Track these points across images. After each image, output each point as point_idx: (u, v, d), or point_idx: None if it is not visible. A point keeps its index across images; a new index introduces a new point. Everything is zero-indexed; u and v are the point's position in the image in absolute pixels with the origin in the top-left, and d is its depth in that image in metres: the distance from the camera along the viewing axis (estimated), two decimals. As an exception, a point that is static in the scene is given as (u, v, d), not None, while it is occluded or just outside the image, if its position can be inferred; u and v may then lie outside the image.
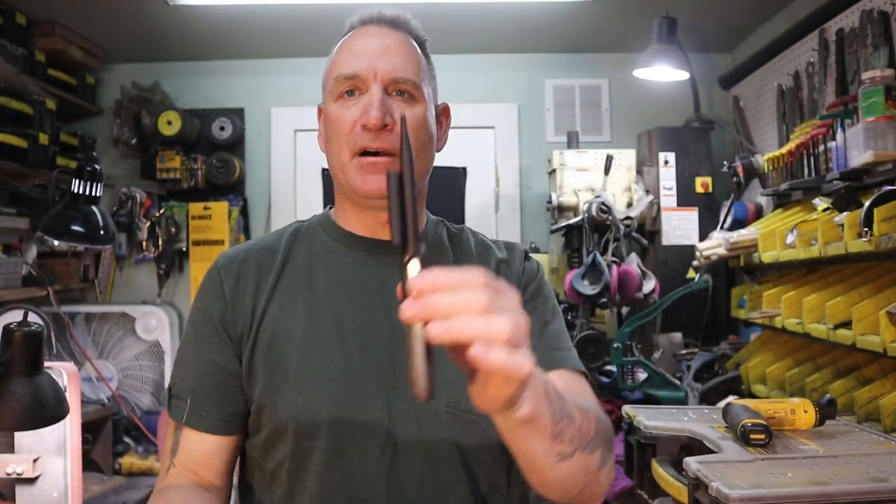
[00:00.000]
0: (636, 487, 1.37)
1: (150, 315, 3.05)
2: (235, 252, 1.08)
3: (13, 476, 1.53)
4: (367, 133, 0.98)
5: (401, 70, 1.00)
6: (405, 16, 1.07)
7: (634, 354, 2.55)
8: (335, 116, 1.02)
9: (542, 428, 0.74)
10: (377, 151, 0.98)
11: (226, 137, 3.28)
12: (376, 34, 1.03)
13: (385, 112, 0.97)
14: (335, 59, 1.06)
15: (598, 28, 3.05)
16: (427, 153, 1.04)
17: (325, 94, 1.07)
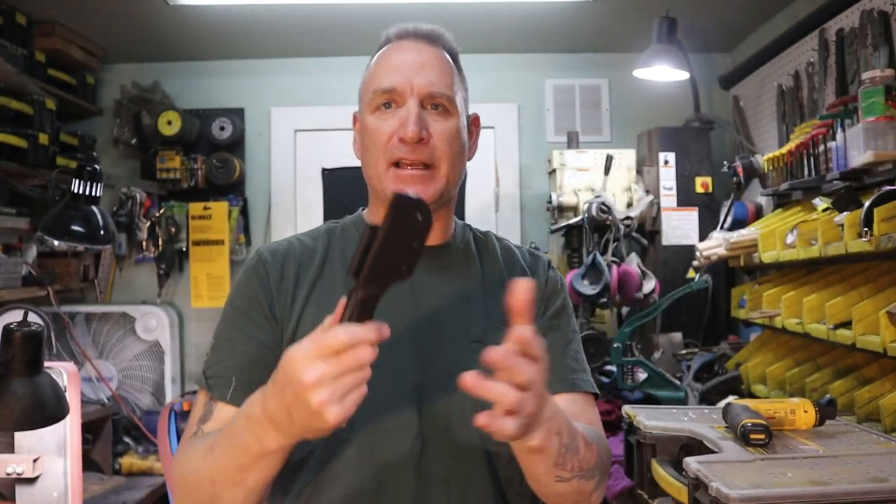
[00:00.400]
0: (636, 487, 1.37)
1: (150, 315, 3.05)
2: (276, 246, 1.11)
3: (13, 476, 1.53)
4: (403, 145, 1.02)
5: (436, 84, 1.04)
6: (440, 30, 1.12)
7: (634, 354, 2.55)
8: (373, 128, 1.05)
9: (547, 457, 0.87)
10: (413, 163, 1.03)
11: (226, 137, 3.28)
12: (413, 49, 1.08)
13: (421, 126, 1.02)
14: (373, 72, 1.09)
15: (598, 28, 3.05)
16: (460, 163, 1.08)
17: (363, 105, 1.10)
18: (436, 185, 1.04)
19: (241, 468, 0.85)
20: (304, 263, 1.08)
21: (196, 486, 0.92)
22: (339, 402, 0.74)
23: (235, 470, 0.86)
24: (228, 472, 0.87)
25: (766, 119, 2.89)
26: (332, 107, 3.32)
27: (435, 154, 1.04)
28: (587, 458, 0.93)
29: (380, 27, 1.18)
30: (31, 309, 1.50)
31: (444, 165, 1.04)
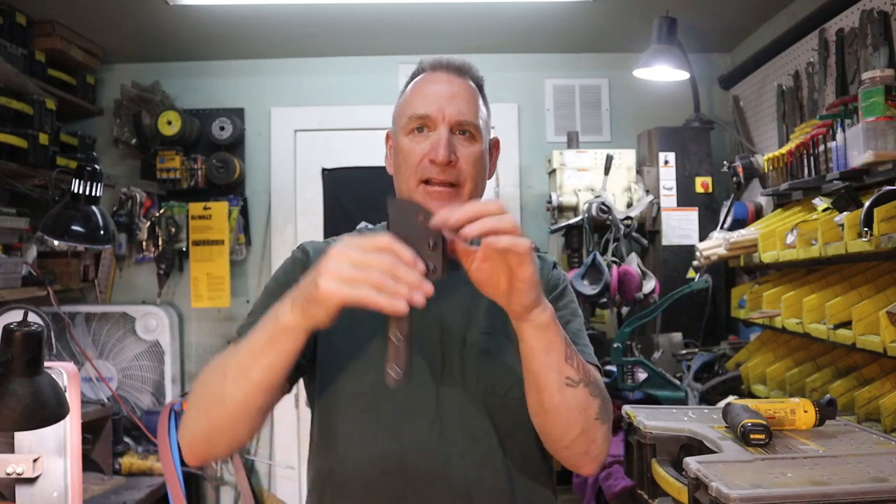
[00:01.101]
0: (636, 487, 1.37)
1: (150, 315, 3.05)
2: (319, 246, 1.24)
3: (13, 476, 1.53)
4: (433, 166, 1.15)
5: (465, 114, 1.18)
6: (468, 63, 1.26)
7: (634, 354, 2.55)
8: (406, 149, 1.18)
9: (556, 342, 1.00)
10: (441, 182, 1.16)
11: (226, 137, 3.28)
12: (445, 80, 1.21)
13: (450, 150, 1.15)
14: (409, 99, 1.22)
15: (598, 28, 3.05)
16: (482, 182, 1.21)
17: (398, 128, 1.23)
18: (460, 201, 1.15)
19: (254, 352, 0.94)
20: None
21: (207, 382, 1.00)
22: (339, 281, 0.85)
23: (249, 355, 0.94)
24: (241, 360, 0.95)
25: (766, 119, 2.89)
26: (332, 107, 3.32)
27: (461, 175, 1.16)
28: (589, 370, 1.06)
29: (380, 27, 1.22)
30: (31, 309, 1.50)
31: (468, 185, 1.17)
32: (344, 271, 0.85)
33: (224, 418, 0.97)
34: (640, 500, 1.36)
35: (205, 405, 1.00)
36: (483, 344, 1.15)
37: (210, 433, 1.00)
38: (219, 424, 0.98)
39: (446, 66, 1.24)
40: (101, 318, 3.04)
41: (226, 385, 0.96)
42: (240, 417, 0.97)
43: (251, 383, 0.94)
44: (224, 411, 0.97)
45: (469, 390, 1.13)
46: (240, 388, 0.95)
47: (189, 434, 1.02)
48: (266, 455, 3.31)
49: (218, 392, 0.96)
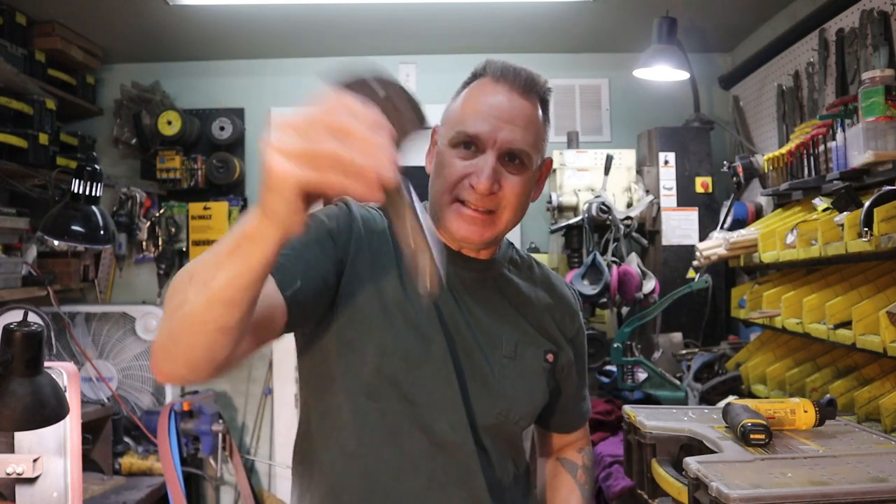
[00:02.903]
0: (636, 487, 1.37)
1: (150, 315, 3.05)
2: (363, 206, 1.15)
3: (13, 476, 1.53)
4: (473, 192, 1.06)
5: (519, 142, 1.07)
6: (537, 77, 1.14)
7: (634, 354, 2.55)
8: (448, 162, 1.09)
9: None
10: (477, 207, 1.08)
11: (226, 137, 3.28)
12: (505, 97, 1.10)
13: (494, 181, 1.05)
14: (462, 110, 1.11)
15: (598, 28, 3.05)
16: (522, 210, 1.12)
17: (445, 134, 1.11)
18: (494, 229, 1.10)
19: (218, 261, 0.76)
20: (375, 243, 1.12)
21: (175, 287, 0.84)
22: (289, 158, 0.64)
23: (213, 263, 0.77)
24: (207, 266, 0.79)
25: (766, 119, 2.89)
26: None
27: (501, 203, 1.08)
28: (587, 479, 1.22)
29: (380, 27, 1.20)
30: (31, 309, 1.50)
31: (506, 214, 1.09)
32: (293, 144, 0.64)
33: (181, 327, 0.82)
34: (640, 500, 1.36)
35: (168, 311, 0.85)
36: (504, 369, 1.14)
37: (168, 343, 0.85)
38: (175, 333, 0.83)
39: (512, 79, 1.12)
40: (101, 318, 3.04)
41: (188, 291, 0.81)
42: (195, 329, 0.81)
43: (210, 292, 0.77)
44: (181, 319, 0.81)
45: (485, 411, 1.12)
46: (199, 296, 0.79)
47: (156, 343, 0.88)
48: (266, 455, 3.31)
49: (180, 297, 0.82)
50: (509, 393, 1.13)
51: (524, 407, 1.16)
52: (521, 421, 1.16)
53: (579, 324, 1.28)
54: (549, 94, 1.17)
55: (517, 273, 1.23)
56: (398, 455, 1.08)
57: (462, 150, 1.08)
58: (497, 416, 1.13)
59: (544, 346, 1.20)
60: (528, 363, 1.16)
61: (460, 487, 1.09)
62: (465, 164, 1.07)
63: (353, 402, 1.08)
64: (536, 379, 1.18)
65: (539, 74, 1.15)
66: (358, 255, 1.09)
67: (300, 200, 0.67)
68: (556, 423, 1.31)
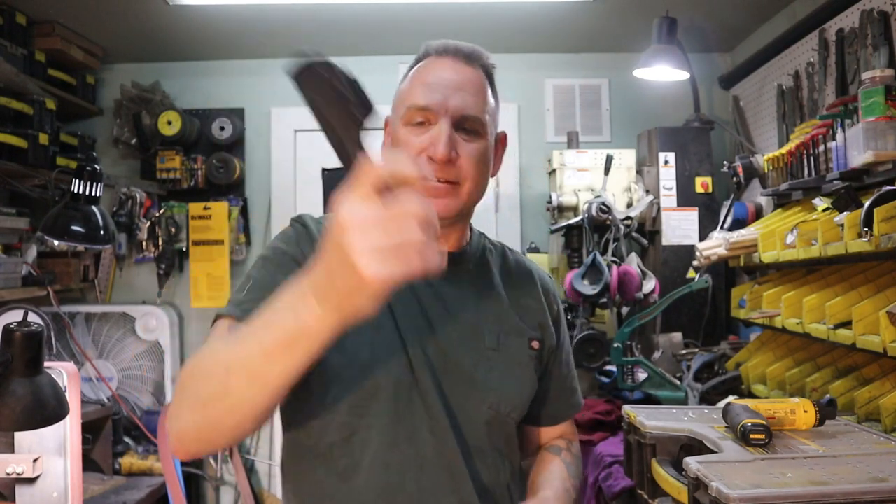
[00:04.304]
0: (636, 487, 1.37)
1: (150, 315, 3.05)
2: (319, 221, 1.14)
3: (13, 476, 1.53)
4: (432, 163, 1.06)
5: (470, 107, 1.09)
6: (479, 50, 1.14)
7: (634, 354, 2.55)
8: (403, 141, 1.09)
9: None
10: (438, 179, 1.07)
11: (226, 137, 3.28)
12: (451, 68, 1.11)
13: (451, 148, 1.06)
14: (410, 87, 1.13)
15: (598, 28, 3.05)
16: (483, 181, 1.13)
17: (396, 116, 1.14)
18: (458, 200, 1.09)
19: (268, 354, 0.76)
20: None
21: (206, 375, 0.85)
22: (384, 258, 0.64)
23: (261, 356, 0.77)
24: (252, 359, 0.78)
25: (766, 119, 2.89)
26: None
27: (461, 173, 1.08)
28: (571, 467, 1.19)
29: (380, 27, 1.19)
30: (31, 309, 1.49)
31: (468, 184, 1.09)
32: (383, 243, 0.64)
33: (228, 418, 0.83)
34: (639, 500, 1.36)
35: (202, 400, 0.85)
36: (490, 361, 1.12)
37: (208, 430, 0.86)
38: (219, 423, 0.84)
39: (454, 51, 1.13)
40: (101, 318, 3.04)
41: (230, 383, 0.81)
42: (247, 418, 0.83)
43: (266, 388, 0.78)
44: (227, 411, 0.82)
45: (474, 408, 1.10)
46: (251, 390, 0.79)
47: (181, 428, 0.88)
48: (266, 455, 3.31)
49: (220, 389, 0.82)
50: (497, 386, 1.11)
51: (514, 398, 1.14)
52: (512, 412, 1.14)
53: (559, 306, 1.28)
54: (493, 68, 1.17)
55: (492, 262, 1.22)
56: (384, 472, 1.05)
57: (416, 125, 1.09)
58: (488, 410, 1.11)
59: (528, 333, 1.18)
60: (513, 353, 1.15)
61: (450, 495, 1.07)
62: (421, 138, 1.08)
63: (338, 421, 1.06)
64: (523, 368, 1.16)
65: (481, 49, 1.16)
66: None
67: (388, 295, 0.67)
68: (544, 414, 1.27)
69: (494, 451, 1.13)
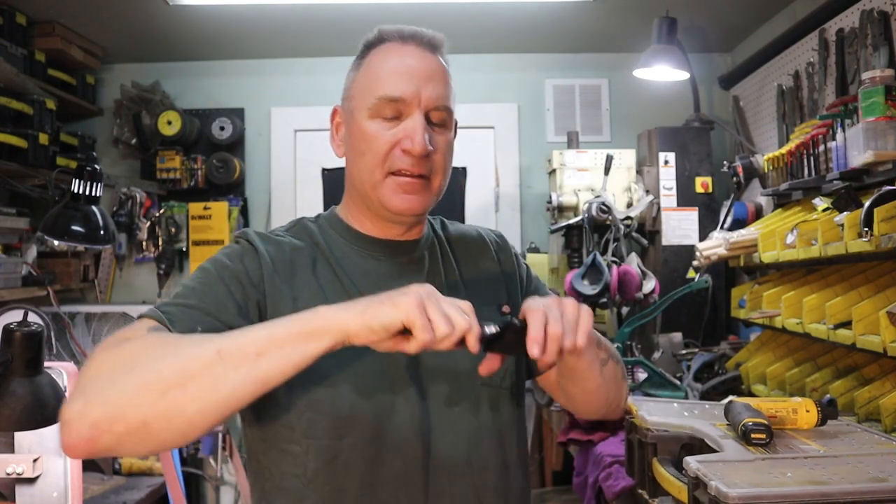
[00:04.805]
0: (637, 487, 1.37)
1: (150, 315, 3.05)
2: (265, 236, 1.07)
3: (13, 476, 1.53)
4: (407, 157, 1.02)
5: (442, 98, 1.04)
6: (441, 37, 1.09)
7: (634, 354, 2.54)
8: (373, 134, 1.03)
9: (590, 343, 0.99)
10: (412, 174, 1.03)
11: (226, 137, 3.28)
12: (418, 56, 1.05)
13: (428, 141, 1.02)
14: (377, 75, 1.05)
15: (598, 28, 3.05)
16: (449, 174, 1.10)
17: (360, 105, 1.05)
18: (429, 195, 1.06)
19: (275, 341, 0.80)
20: (296, 260, 1.05)
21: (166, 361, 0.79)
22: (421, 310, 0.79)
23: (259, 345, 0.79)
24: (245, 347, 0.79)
25: (766, 119, 2.89)
26: (332, 107, 3.32)
27: (434, 167, 1.05)
28: (606, 344, 1.10)
29: None
30: (31, 309, 1.49)
31: (438, 178, 1.06)
32: (430, 304, 0.80)
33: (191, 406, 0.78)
34: (640, 499, 1.36)
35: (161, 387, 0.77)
36: None
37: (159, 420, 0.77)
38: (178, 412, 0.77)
39: (418, 38, 1.07)
40: (101, 318, 3.04)
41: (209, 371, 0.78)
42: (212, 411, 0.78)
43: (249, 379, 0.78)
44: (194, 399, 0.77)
45: (466, 384, 1.05)
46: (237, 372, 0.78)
47: (109, 414, 0.77)
48: (266, 455, 3.31)
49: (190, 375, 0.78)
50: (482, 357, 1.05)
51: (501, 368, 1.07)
52: (503, 382, 1.09)
53: (516, 255, 1.22)
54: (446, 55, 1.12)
55: (445, 242, 1.17)
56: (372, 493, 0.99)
57: (385, 117, 1.03)
58: (482, 386, 1.06)
59: (496, 298, 1.14)
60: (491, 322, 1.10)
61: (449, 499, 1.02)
62: (393, 131, 1.02)
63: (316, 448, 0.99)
64: None
65: (442, 35, 1.10)
66: (276, 292, 1.00)
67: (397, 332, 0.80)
68: None
69: (496, 429, 1.07)
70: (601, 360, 1.06)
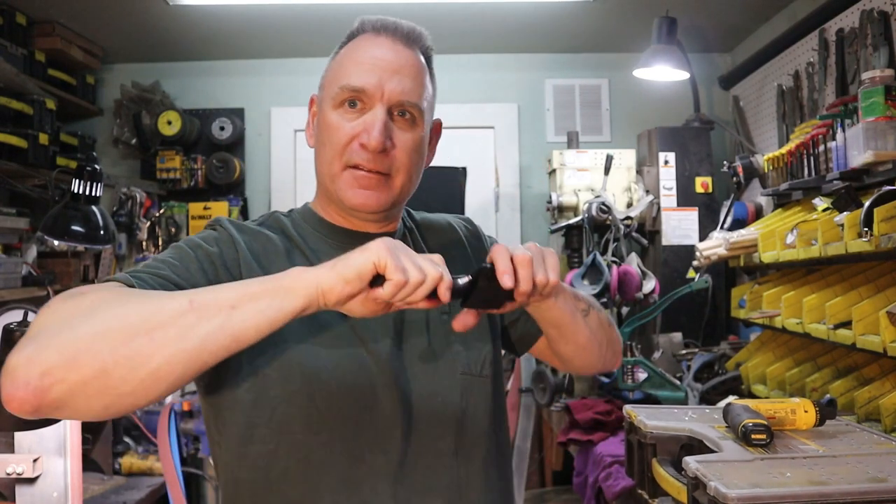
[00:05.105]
0: (636, 487, 1.37)
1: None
2: (240, 225, 1.05)
3: (13, 476, 1.53)
4: (363, 151, 0.99)
5: (408, 93, 1.00)
6: (419, 30, 1.06)
7: (634, 354, 2.55)
8: (334, 125, 1.01)
9: (566, 293, 1.01)
10: (370, 170, 1.00)
11: (226, 137, 3.28)
12: (390, 48, 1.02)
13: (386, 136, 0.98)
14: (343, 65, 1.04)
15: (598, 28, 3.05)
16: (416, 173, 1.06)
17: (325, 96, 1.05)
18: (389, 194, 1.02)
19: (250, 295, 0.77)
20: (270, 252, 1.03)
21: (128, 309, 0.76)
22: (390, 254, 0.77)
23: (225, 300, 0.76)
24: (210, 302, 0.76)
25: (766, 119, 2.89)
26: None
27: (394, 164, 1.01)
28: (582, 295, 1.09)
29: None
30: (31, 309, 1.49)
31: (400, 176, 1.02)
32: (400, 254, 0.78)
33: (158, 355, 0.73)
34: (640, 499, 1.36)
35: (123, 334, 0.73)
36: (445, 325, 1.03)
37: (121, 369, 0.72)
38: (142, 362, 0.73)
39: (392, 30, 1.04)
40: (101, 318, 3.03)
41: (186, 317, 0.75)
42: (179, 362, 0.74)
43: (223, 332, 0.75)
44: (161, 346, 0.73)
45: (445, 375, 1.02)
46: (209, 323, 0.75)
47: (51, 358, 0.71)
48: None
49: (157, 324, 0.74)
50: (460, 347, 1.04)
51: (478, 355, 1.06)
52: (483, 370, 1.06)
53: (486, 238, 1.21)
54: (431, 51, 1.08)
55: (416, 232, 1.15)
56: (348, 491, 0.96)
57: (348, 108, 1.00)
58: (461, 375, 1.03)
59: None
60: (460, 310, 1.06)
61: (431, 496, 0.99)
62: (353, 123, 0.99)
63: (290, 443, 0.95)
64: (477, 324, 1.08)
65: (422, 29, 1.06)
66: None
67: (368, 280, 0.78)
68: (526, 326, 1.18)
69: (474, 424, 1.04)
70: (582, 311, 1.05)
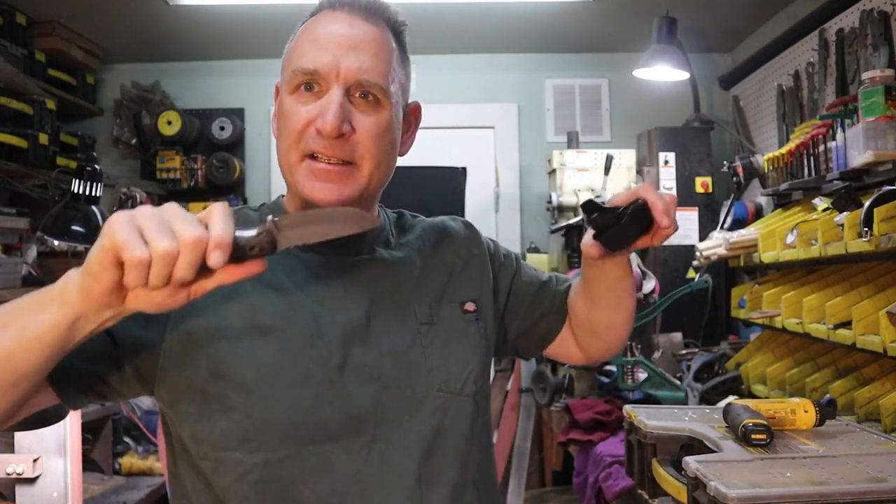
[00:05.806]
0: (636, 487, 1.37)
1: (150, 315, 3.05)
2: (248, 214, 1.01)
3: (13, 476, 1.53)
4: (320, 138, 0.90)
5: (367, 71, 0.91)
6: (382, 3, 0.97)
7: (634, 354, 2.54)
8: (288, 111, 0.93)
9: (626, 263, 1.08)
10: (330, 158, 0.91)
11: (226, 137, 3.28)
12: (346, 23, 0.93)
13: (343, 120, 0.89)
14: (296, 45, 0.96)
15: (598, 28, 3.05)
16: (387, 161, 0.96)
17: (283, 82, 0.97)
18: (355, 184, 0.92)
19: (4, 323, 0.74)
20: None
21: None
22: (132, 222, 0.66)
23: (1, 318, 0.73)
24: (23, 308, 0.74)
25: (766, 119, 2.89)
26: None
27: (357, 151, 0.91)
28: None
29: None
30: (31, 309, 1.49)
31: (367, 164, 0.92)
32: (141, 219, 0.68)
33: None
34: (640, 499, 1.36)
35: None
36: (425, 338, 0.96)
37: None
38: None
39: (349, 3, 0.94)
40: (101, 318, 3.04)
41: None
42: None
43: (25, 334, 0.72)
44: None
45: (419, 392, 0.93)
46: None
47: None
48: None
49: None
50: (440, 362, 0.95)
51: (461, 371, 0.97)
52: (465, 388, 0.97)
53: (487, 244, 1.14)
54: (402, 26, 0.99)
55: (401, 233, 1.07)
56: None
57: (303, 92, 0.92)
58: (438, 392, 0.94)
59: (458, 297, 1.03)
60: (447, 322, 0.99)
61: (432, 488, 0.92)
62: (308, 107, 0.91)
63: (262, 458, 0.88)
64: (462, 336, 1.00)
65: (387, 2, 0.98)
66: None
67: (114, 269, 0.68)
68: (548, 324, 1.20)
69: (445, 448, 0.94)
70: (631, 291, 1.14)
